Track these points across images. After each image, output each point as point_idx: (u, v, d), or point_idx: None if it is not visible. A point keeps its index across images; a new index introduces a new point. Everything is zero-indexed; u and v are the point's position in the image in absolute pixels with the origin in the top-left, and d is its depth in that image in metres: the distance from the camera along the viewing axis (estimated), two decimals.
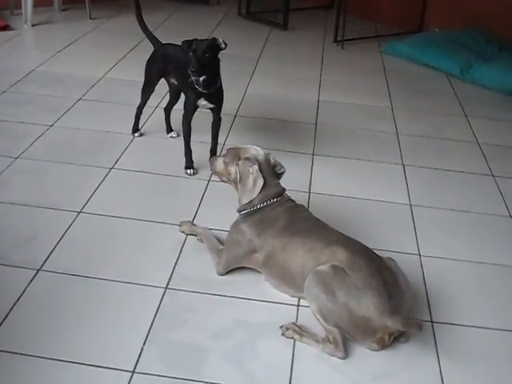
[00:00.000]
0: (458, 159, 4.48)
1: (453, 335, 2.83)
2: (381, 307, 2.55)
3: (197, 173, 3.93)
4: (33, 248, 3.14)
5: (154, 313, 2.79)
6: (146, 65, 4.18)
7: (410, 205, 3.82)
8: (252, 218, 2.99)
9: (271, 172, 3.02)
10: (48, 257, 3.08)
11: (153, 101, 4.48)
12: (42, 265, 3.02)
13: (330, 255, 2.71)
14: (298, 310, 2.88)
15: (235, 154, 3.03)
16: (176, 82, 4.10)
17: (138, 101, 4.28)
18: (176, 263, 3.12)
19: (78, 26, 6.81)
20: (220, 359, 2.58)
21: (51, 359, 2.50)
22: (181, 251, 3.21)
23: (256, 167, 2.94)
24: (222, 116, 3.97)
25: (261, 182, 2.94)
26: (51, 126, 4.43)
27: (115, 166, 3.96)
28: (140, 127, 4.41)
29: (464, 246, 3.48)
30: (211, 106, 3.88)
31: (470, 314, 2.97)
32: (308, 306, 2.76)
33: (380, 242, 3.26)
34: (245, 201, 2.98)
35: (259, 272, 3.04)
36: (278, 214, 2.96)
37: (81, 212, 3.46)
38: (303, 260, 2.80)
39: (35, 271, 2.97)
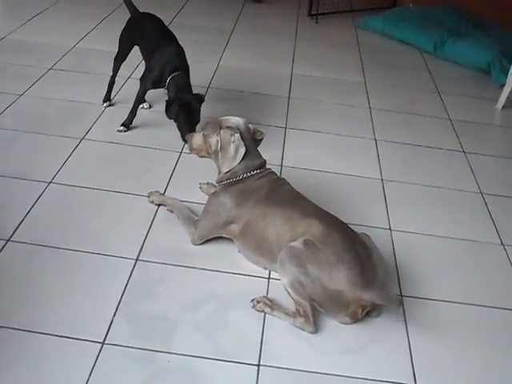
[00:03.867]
0: (430, 135, 4.51)
1: (422, 309, 2.86)
2: (353, 280, 2.57)
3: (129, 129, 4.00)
4: (2, 218, 3.10)
5: (125, 284, 2.78)
6: (121, 33, 4.17)
7: (382, 179, 3.84)
8: (234, 188, 2.98)
9: (253, 142, 3.03)
10: (17, 227, 3.04)
11: (125, 71, 4.43)
12: (11, 235, 2.98)
13: (306, 227, 2.73)
14: (268, 282, 2.89)
15: (216, 124, 3.02)
16: (141, 52, 4.08)
17: (108, 71, 4.23)
18: (147, 235, 3.11)
19: None
20: (190, 331, 2.58)
21: (19, 330, 2.48)
22: (152, 223, 3.20)
23: (238, 135, 2.94)
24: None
25: (242, 150, 2.94)
26: (21, 95, 4.35)
27: (86, 137, 3.91)
28: (112, 97, 4.36)
29: (434, 221, 3.51)
30: None
31: (438, 289, 3.00)
32: (279, 279, 2.77)
33: (351, 216, 3.27)
34: (225, 169, 2.98)
35: (231, 244, 3.04)
36: (261, 184, 2.97)
37: (51, 182, 3.42)
38: (280, 230, 2.80)
39: (4, 242, 2.94)
